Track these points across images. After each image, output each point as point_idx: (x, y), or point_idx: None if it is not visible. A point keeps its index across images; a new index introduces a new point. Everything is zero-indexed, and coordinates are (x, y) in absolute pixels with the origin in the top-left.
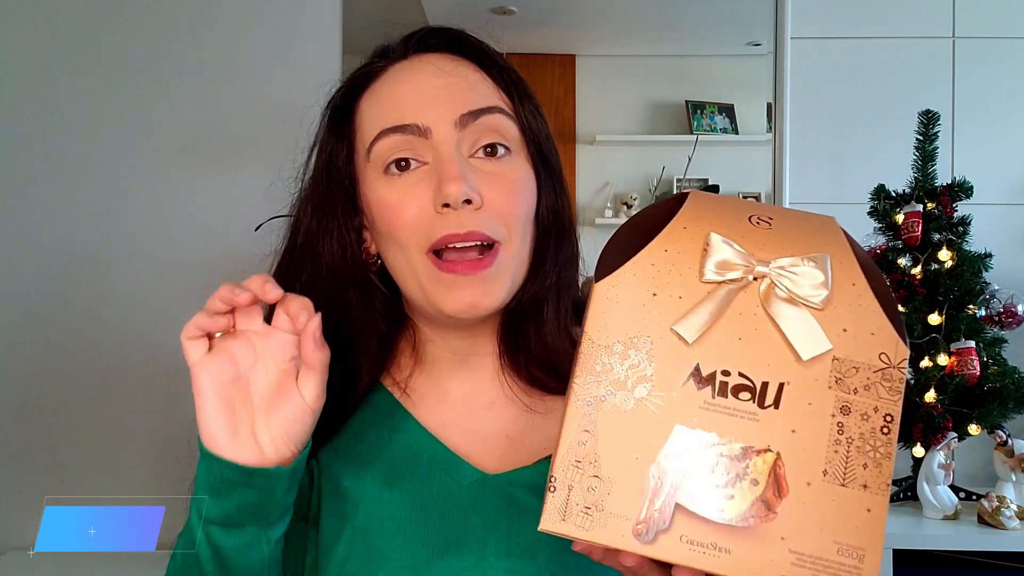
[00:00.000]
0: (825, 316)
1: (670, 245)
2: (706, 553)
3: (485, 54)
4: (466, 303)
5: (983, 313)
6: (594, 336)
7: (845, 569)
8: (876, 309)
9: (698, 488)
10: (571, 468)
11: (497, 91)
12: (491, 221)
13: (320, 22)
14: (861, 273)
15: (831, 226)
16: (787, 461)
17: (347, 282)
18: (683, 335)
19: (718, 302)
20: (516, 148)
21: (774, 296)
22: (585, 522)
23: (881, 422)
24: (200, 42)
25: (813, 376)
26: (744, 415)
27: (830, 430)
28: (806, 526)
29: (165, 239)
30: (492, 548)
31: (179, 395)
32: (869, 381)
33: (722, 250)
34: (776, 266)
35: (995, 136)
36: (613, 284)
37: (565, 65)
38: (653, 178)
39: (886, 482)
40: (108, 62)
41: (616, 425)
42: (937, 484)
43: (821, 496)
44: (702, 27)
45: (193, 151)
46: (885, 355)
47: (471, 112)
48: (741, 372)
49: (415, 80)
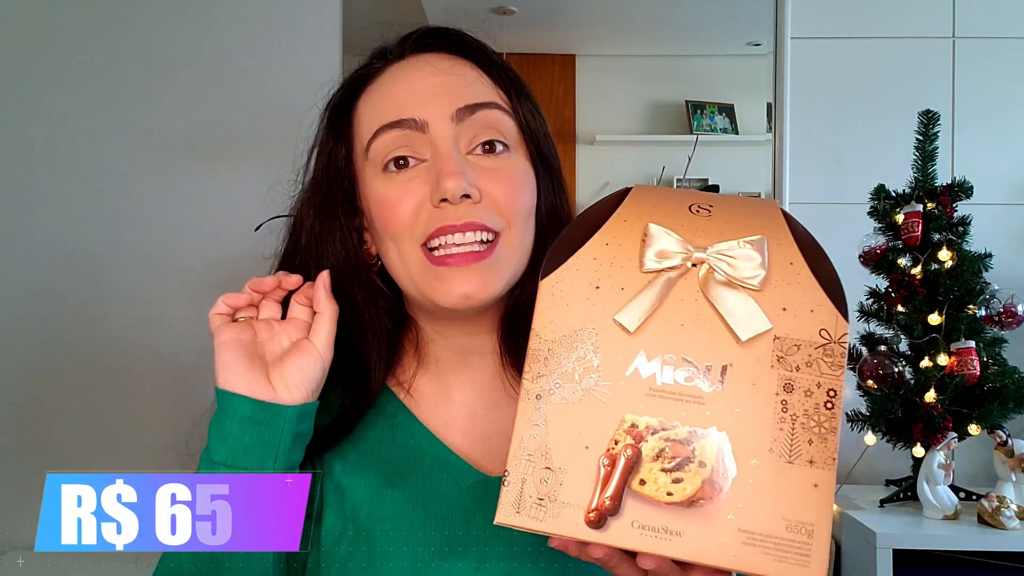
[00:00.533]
0: (764, 297)
1: (611, 239)
2: (658, 537)
3: (482, 53)
4: (460, 293)
5: (983, 313)
6: (541, 332)
7: (795, 545)
8: (815, 287)
9: (647, 473)
10: (523, 461)
11: (495, 88)
12: (489, 213)
13: (320, 22)
14: (799, 252)
15: (771, 209)
16: (734, 441)
17: (351, 283)
18: (625, 325)
19: (658, 290)
20: (514, 145)
21: (713, 281)
22: (539, 513)
23: (825, 397)
24: (200, 42)
25: (755, 356)
26: (690, 399)
27: (774, 408)
28: (754, 505)
29: (165, 239)
30: (494, 550)
31: (179, 395)
32: (811, 358)
33: (661, 239)
34: (714, 251)
35: (995, 136)
36: (558, 280)
37: (565, 65)
38: (653, 178)
39: (832, 456)
40: (108, 62)
41: (565, 417)
42: (937, 484)
43: (768, 474)
44: (702, 27)
45: (193, 151)
46: (825, 331)
47: (468, 106)
48: (685, 357)
49: (412, 78)
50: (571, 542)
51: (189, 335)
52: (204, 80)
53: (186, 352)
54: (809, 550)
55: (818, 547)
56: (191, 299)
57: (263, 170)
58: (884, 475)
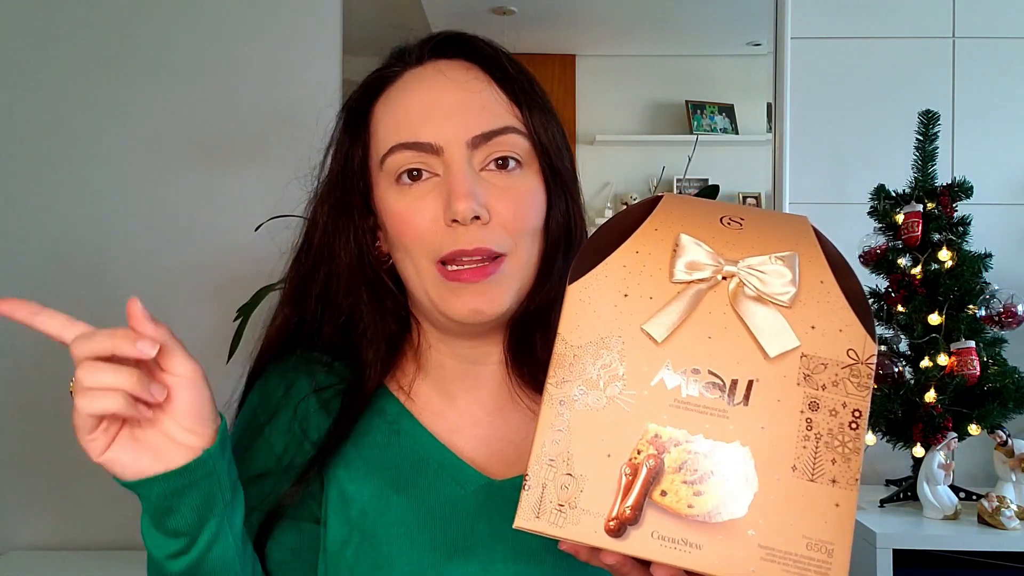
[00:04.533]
0: (793, 314)
1: (641, 247)
2: (677, 549)
3: (499, 64)
4: (470, 308)
5: (983, 313)
6: (567, 337)
7: (814, 564)
8: (844, 306)
9: (669, 484)
10: (545, 467)
11: (510, 106)
12: (497, 235)
13: (320, 23)
14: (830, 271)
15: (802, 225)
16: (756, 457)
17: (361, 282)
18: (652, 334)
19: (687, 301)
20: (527, 161)
21: (742, 295)
22: (558, 519)
23: (850, 417)
24: (200, 43)
25: (782, 373)
26: (714, 412)
27: (799, 426)
28: (775, 521)
29: (165, 239)
30: (500, 553)
31: None
32: (837, 377)
33: (692, 250)
34: (744, 265)
35: (995, 136)
36: (586, 286)
37: (565, 65)
38: (653, 178)
39: (855, 477)
40: (107, 62)
41: (589, 424)
42: (937, 484)
43: (790, 491)
44: (702, 27)
45: (193, 151)
46: (853, 351)
47: (484, 134)
48: (711, 370)
49: (428, 93)
50: (583, 547)
51: (188, 335)
52: (204, 80)
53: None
54: (828, 570)
55: (837, 567)
56: (191, 300)
57: (263, 170)
58: (884, 475)
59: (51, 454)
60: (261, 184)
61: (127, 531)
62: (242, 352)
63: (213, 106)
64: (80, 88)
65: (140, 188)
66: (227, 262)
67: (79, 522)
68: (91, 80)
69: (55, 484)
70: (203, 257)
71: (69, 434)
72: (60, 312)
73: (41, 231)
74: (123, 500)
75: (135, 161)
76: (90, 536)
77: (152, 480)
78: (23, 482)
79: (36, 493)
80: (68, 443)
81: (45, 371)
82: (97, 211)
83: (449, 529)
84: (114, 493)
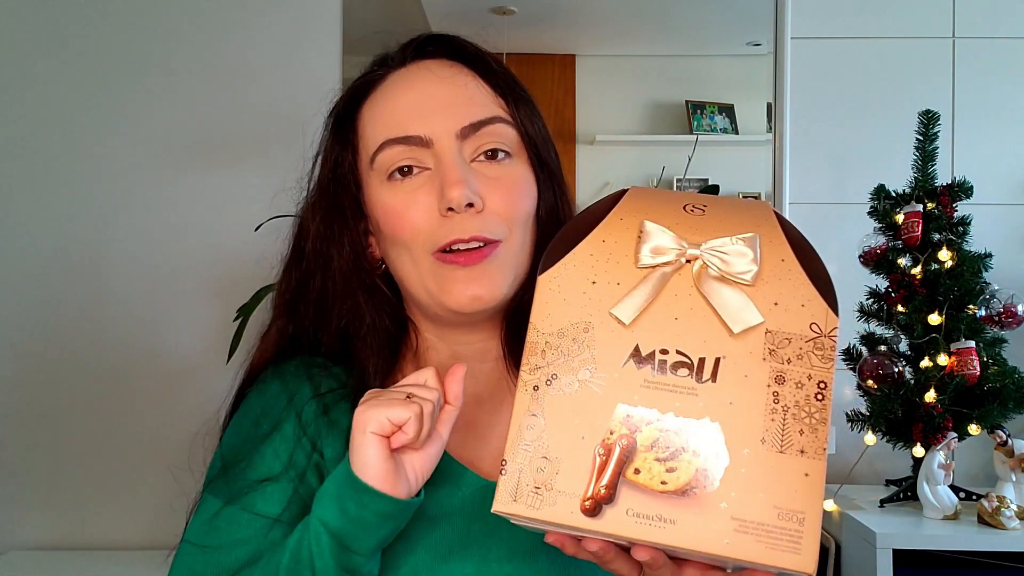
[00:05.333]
0: (756, 292)
1: (608, 236)
2: (652, 525)
3: (481, 60)
4: (469, 296)
5: (983, 313)
6: (539, 325)
7: (786, 533)
8: (806, 282)
9: (642, 463)
10: (521, 451)
11: (495, 98)
12: (492, 223)
13: (320, 24)
14: (790, 249)
15: (763, 209)
16: (726, 432)
17: (356, 286)
18: (620, 318)
19: (653, 285)
20: (516, 151)
21: (706, 276)
22: (535, 501)
23: (815, 389)
24: (200, 44)
25: (748, 349)
26: (684, 391)
27: (766, 399)
28: (746, 493)
29: (165, 240)
30: (495, 553)
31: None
32: (802, 351)
33: (656, 236)
34: (707, 247)
35: (995, 136)
36: (555, 276)
37: (565, 65)
38: (653, 178)
39: (822, 446)
40: (107, 63)
41: (562, 408)
42: (937, 484)
43: (760, 463)
44: (702, 27)
45: (193, 152)
46: (816, 325)
47: (472, 124)
48: (679, 350)
49: (414, 89)
50: (567, 539)
51: (188, 336)
52: (204, 81)
53: (185, 353)
54: (800, 538)
55: (809, 535)
56: (190, 300)
57: (263, 171)
58: (884, 475)
59: (51, 454)
60: (261, 184)
61: (127, 531)
62: (242, 352)
63: (213, 106)
64: (79, 88)
65: (140, 188)
66: (227, 262)
67: (79, 522)
68: (91, 80)
69: (55, 484)
70: (203, 257)
71: (69, 434)
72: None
73: (41, 231)
74: (123, 500)
75: (135, 161)
76: (90, 536)
77: (379, 495)
78: (23, 482)
79: (36, 493)
80: (68, 443)
81: (45, 371)
82: (97, 211)
83: (445, 529)
84: (114, 493)
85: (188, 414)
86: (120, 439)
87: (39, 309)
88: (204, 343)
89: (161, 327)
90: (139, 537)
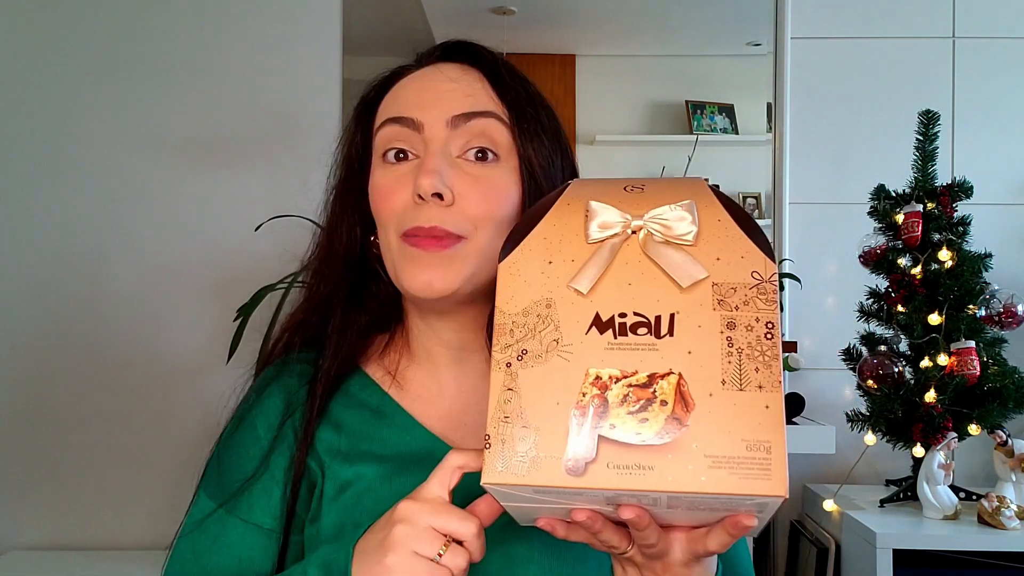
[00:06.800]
0: (699, 250)
1: (558, 220)
2: (632, 474)
3: (495, 71)
4: (422, 281)
5: (983, 313)
6: (504, 308)
7: (756, 462)
8: (742, 237)
9: (616, 418)
10: (501, 424)
11: (499, 103)
12: (457, 219)
13: (320, 22)
14: (725, 211)
15: (696, 182)
16: (689, 379)
17: (344, 268)
18: (579, 289)
19: (605, 256)
20: (505, 156)
21: (652, 242)
22: (521, 468)
23: (764, 330)
24: (200, 43)
25: (698, 302)
26: (645, 347)
27: (721, 345)
28: (715, 432)
29: (165, 239)
30: (487, 533)
31: (178, 395)
32: (747, 297)
33: (602, 212)
34: (649, 217)
35: (995, 136)
36: (514, 261)
37: (565, 65)
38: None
39: (777, 380)
40: (107, 62)
41: (534, 379)
42: (937, 484)
43: (723, 403)
44: (702, 27)
45: (193, 151)
46: (756, 272)
47: (464, 114)
48: (635, 312)
49: (424, 82)
50: (558, 522)
51: (189, 336)
52: (204, 80)
53: (186, 353)
54: (769, 464)
55: (776, 461)
56: (191, 300)
57: (263, 171)
58: (884, 475)
59: (51, 454)
60: (261, 184)
61: (127, 531)
62: (242, 352)
63: (213, 106)
64: (80, 88)
65: (140, 188)
66: (227, 262)
67: (79, 522)
68: (91, 80)
69: (55, 484)
70: (203, 257)
71: (69, 434)
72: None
73: (41, 231)
74: (123, 500)
75: (135, 161)
76: (90, 536)
77: None
78: (23, 482)
79: (36, 493)
80: (68, 443)
81: (45, 372)
82: (97, 211)
83: None
84: (114, 493)
85: (188, 414)
86: (120, 439)
87: (39, 309)
88: (204, 343)
89: (161, 327)
90: (139, 537)
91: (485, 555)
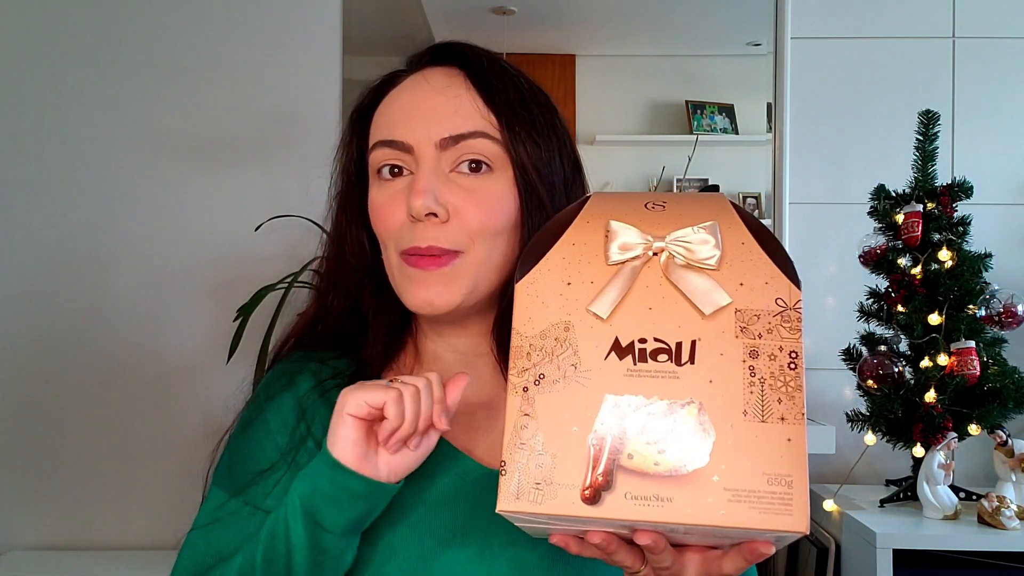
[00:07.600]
0: (721, 275)
1: (577, 239)
2: (650, 505)
3: (482, 74)
4: (422, 300)
5: (983, 313)
6: (521, 330)
7: (777, 496)
8: (767, 262)
9: (634, 447)
10: (517, 450)
11: (486, 112)
12: (453, 235)
13: (320, 23)
14: (749, 233)
15: (719, 200)
16: (709, 408)
17: (364, 273)
18: (598, 313)
19: (625, 279)
20: (500, 166)
21: (673, 265)
22: (537, 497)
23: (788, 359)
24: (200, 43)
25: (720, 329)
26: (665, 375)
27: (743, 374)
28: (735, 464)
29: (165, 239)
30: (496, 537)
31: (179, 395)
32: (771, 324)
33: (622, 233)
34: (671, 239)
35: (995, 136)
36: (531, 281)
37: (565, 65)
38: (653, 178)
39: (801, 412)
40: (107, 63)
41: (552, 404)
42: (937, 484)
43: (744, 434)
44: (702, 27)
45: (193, 151)
46: (781, 299)
47: (452, 137)
48: (656, 337)
49: (410, 97)
50: (571, 539)
51: (189, 336)
52: (204, 80)
53: (186, 353)
54: (791, 500)
55: (798, 496)
56: (191, 299)
57: (263, 171)
58: (884, 475)
59: (51, 454)
60: (261, 184)
61: (128, 531)
62: (242, 352)
63: (213, 106)
64: (80, 88)
65: (140, 188)
66: (227, 262)
67: (79, 522)
68: (91, 80)
69: (55, 484)
70: (203, 257)
71: (69, 434)
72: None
73: (41, 231)
74: (124, 500)
75: (135, 161)
76: (90, 536)
77: (349, 472)
78: (23, 482)
79: (36, 493)
80: (68, 443)
81: (45, 371)
82: (97, 211)
83: (448, 516)
84: (115, 493)
85: (188, 414)
86: (120, 439)
87: (40, 309)
88: (204, 343)
89: (161, 327)
90: (139, 537)
91: (494, 560)
